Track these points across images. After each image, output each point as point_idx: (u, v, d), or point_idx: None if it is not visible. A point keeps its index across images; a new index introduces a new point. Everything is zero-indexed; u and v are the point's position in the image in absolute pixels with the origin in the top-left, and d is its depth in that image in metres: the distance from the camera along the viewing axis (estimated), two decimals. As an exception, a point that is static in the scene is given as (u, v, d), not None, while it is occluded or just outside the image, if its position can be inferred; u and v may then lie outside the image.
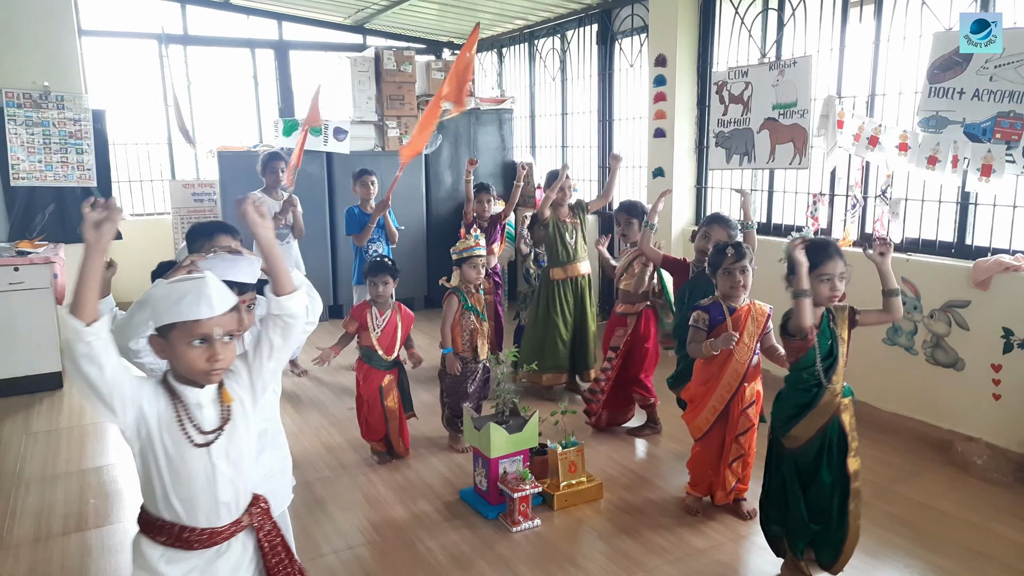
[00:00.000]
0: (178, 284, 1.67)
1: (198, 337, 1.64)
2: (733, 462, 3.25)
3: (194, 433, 1.69)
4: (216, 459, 1.71)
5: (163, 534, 1.70)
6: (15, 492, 3.66)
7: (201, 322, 1.63)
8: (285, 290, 1.78)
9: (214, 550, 1.74)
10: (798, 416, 2.68)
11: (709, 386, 3.21)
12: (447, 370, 3.95)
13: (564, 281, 4.77)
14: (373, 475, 3.79)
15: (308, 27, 7.94)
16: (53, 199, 5.70)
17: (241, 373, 1.81)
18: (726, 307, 3.14)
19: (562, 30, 7.05)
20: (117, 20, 7.18)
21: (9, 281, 4.93)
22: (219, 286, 1.69)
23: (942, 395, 4.07)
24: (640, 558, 3.00)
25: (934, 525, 3.23)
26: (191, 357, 1.65)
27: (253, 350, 1.82)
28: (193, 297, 1.63)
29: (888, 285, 2.67)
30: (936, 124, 3.86)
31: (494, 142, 7.75)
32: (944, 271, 4.01)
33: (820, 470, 2.68)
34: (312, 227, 6.78)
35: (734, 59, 5.35)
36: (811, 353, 2.64)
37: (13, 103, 5.50)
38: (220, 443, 1.72)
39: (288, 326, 1.80)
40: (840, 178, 4.68)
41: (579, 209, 4.83)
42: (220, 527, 1.74)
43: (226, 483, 1.73)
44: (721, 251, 3.14)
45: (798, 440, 2.70)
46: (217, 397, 1.74)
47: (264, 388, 1.84)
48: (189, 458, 1.68)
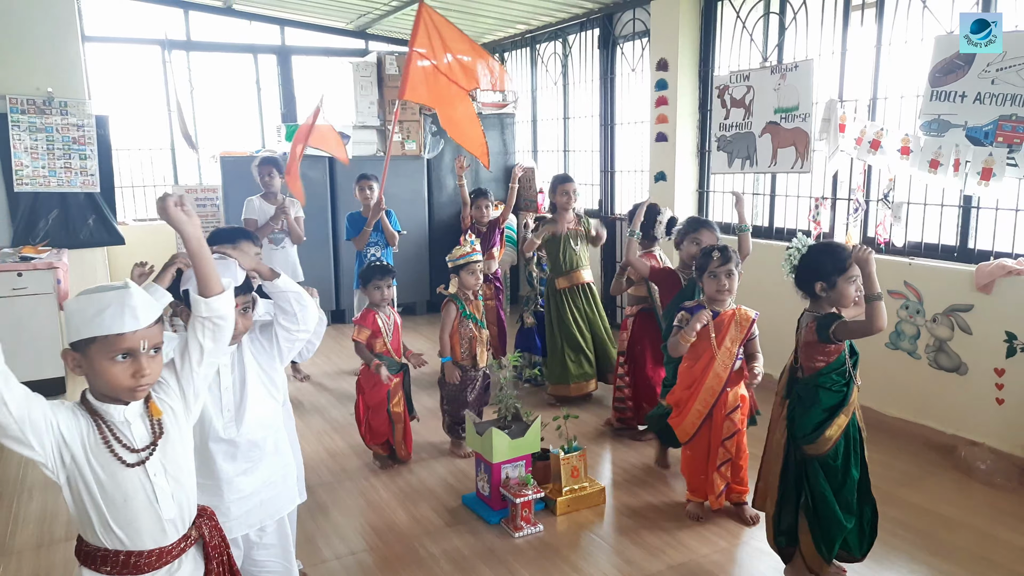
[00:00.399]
0: (98, 295, 1.55)
1: (121, 352, 1.54)
2: (721, 466, 3.25)
3: (124, 453, 1.59)
4: (154, 476, 1.63)
5: (107, 564, 1.62)
6: (18, 498, 3.67)
7: (125, 336, 1.53)
8: (213, 291, 1.69)
9: (165, 570, 1.67)
10: (829, 419, 2.64)
11: (693, 390, 3.22)
12: (446, 379, 3.95)
13: (569, 290, 4.76)
14: (375, 480, 3.79)
15: (310, 32, 7.96)
16: (57, 205, 5.71)
17: (169, 382, 1.71)
18: (710, 311, 3.15)
19: (564, 34, 7.06)
20: (120, 26, 7.21)
21: (12, 286, 4.95)
22: (143, 296, 1.59)
23: (945, 399, 4.05)
24: (643, 563, 3.00)
25: (937, 530, 3.22)
26: (113, 373, 1.55)
27: (181, 356, 1.73)
28: (116, 309, 1.53)
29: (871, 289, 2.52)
30: (938, 128, 3.86)
31: (496, 146, 7.75)
32: (947, 275, 4.01)
33: (850, 468, 2.68)
34: (314, 232, 6.80)
35: (736, 63, 5.35)
36: (843, 354, 2.65)
37: (17, 109, 5.52)
38: (155, 459, 1.63)
39: (218, 327, 1.71)
40: (842, 182, 4.68)
41: (583, 220, 4.81)
42: (169, 545, 1.67)
43: (167, 499, 1.65)
44: (707, 254, 3.16)
45: (827, 443, 2.64)
46: (145, 411, 1.65)
47: (197, 395, 1.75)
48: (123, 480, 1.60)
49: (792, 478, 2.76)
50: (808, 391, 2.68)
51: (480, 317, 4.02)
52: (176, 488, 1.68)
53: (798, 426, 2.70)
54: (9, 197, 5.60)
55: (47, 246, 5.55)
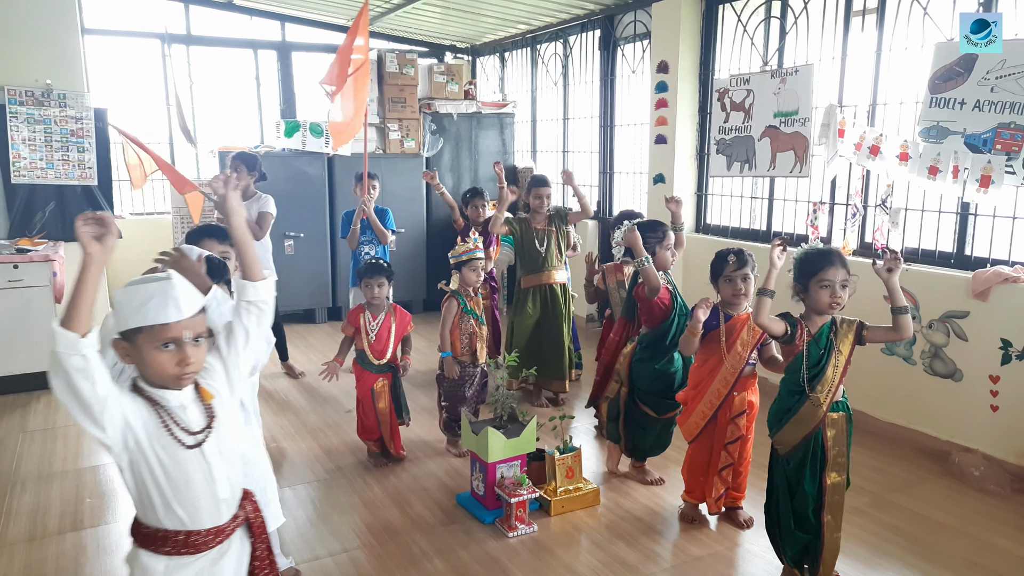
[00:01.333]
0: (143, 286, 1.60)
1: (166, 341, 1.59)
2: (722, 470, 3.24)
3: (183, 436, 1.65)
4: (210, 457, 1.69)
5: (168, 544, 1.67)
6: (11, 490, 3.66)
7: (169, 326, 1.58)
8: (257, 276, 1.76)
9: (217, 549, 1.73)
10: (782, 421, 2.70)
11: (699, 390, 3.22)
12: (446, 374, 3.95)
13: (531, 289, 4.74)
14: (369, 478, 3.78)
15: (311, 28, 7.94)
16: (54, 197, 5.69)
17: (216, 368, 1.77)
18: (723, 314, 3.14)
19: (565, 35, 7.06)
20: (120, 19, 7.18)
21: (8, 279, 4.93)
22: (186, 287, 1.64)
23: (940, 405, 4.07)
24: (636, 564, 3.00)
25: (930, 536, 3.23)
26: (160, 361, 1.60)
27: (227, 340, 1.78)
28: (160, 300, 1.57)
29: (896, 302, 2.57)
30: (937, 134, 3.87)
31: (495, 146, 7.76)
32: (943, 281, 4.02)
33: (802, 481, 2.69)
34: (312, 229, 6.81)
35: (736, 67, 5.36)
36: (798, 359, 2.65)
37: (15, 100, 5.50)
38: (211, 441, 1.69)
39: (262, 312, 1.78)
40: (840, 187, 4.69)
41: (557, 218, 4.76)
42: (223, 524, 1.73)
43: (223, 480, 1.72)
44: (723, 258, 3.12)
45: (783, 446, 2.71)
46: (196, 396, 1.71)
47: (240, 379, 1.81)
48: (184, 461, 1.65)
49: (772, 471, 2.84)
50: (779, 389, 2.79)
51: (481, 313, 4.02)
52: (229, 469, 1.74)
53: (768, 420, 2.79)
54: (6, 189, 5.58)
55: (44, 238, 5.53)
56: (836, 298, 2.60)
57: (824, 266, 2.60)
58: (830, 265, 2.59)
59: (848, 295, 2.65)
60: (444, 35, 8.11)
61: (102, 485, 3.73)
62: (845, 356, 2.65)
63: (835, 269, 2.60)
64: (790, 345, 2.66)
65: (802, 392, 2.64)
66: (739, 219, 5.48)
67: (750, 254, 3.16)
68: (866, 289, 3.08)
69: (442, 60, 8.20)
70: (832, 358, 2.63)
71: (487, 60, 8.41)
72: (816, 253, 2.65)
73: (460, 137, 7.56)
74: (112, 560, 3.04)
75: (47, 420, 4.60)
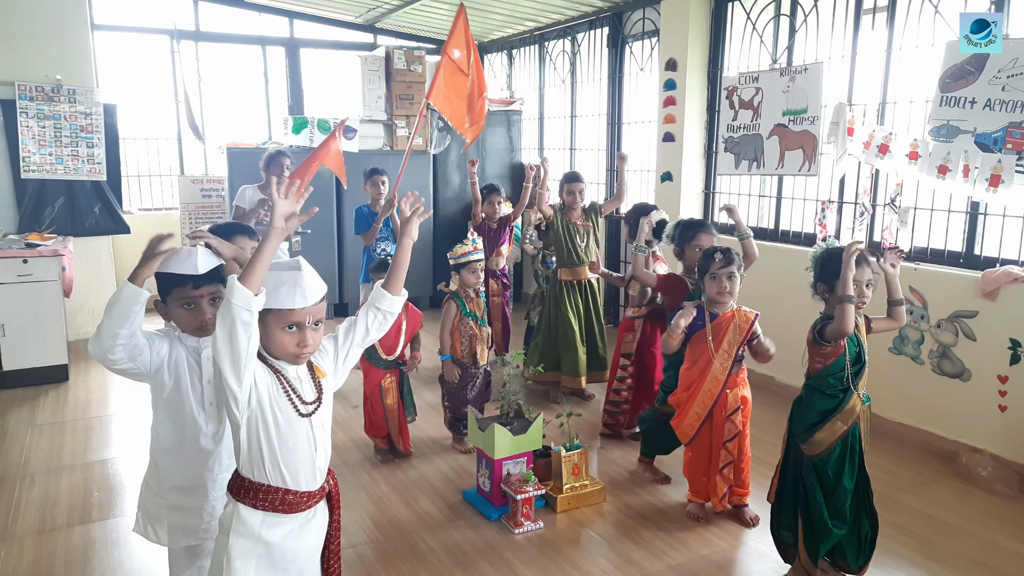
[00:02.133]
0: (276, 272, 1.76)
1: (291, 323, 1.76)
2: (723, 468, 3.24)
3: (300, 404, 1.81)
4: (316, 428, 1.85)
5: (268, 499, 1.81)
6: (20, 484, 3.68)
7: (295, 311, 1.75)
8: (397, 291, 2.02)
9: (305, 514, 1.87)
10: (821, 422, 2.67)
11: (691, 392, 3.22)
12: (446, 378, 3.95)
13: (571, 283, 4.79)
14: (376, 474, 3.79)
15: (320, 25, 7.95)
16: (63, 192, 5.72)
17: (329, 351, 1.96)
18: (708, 312, 3.15)
19: (572, 32, 7.05)
20: (130, 15, 7.20)
21: (18, 273, 4.96)
22: (313, 277, 1.80)
23: (948, 405, 4.05)
24: (642, 562, 3.00)
25: (938, 536, 3.22)
26: (283, 341, 1.77)
27: (346, 333, 1.99)
28: (289, 288, 1.75)
29: (895, 295, 2.78)
30: (947, 133, 3.85)
31: (502, 143, 7.76)
32: (952, 281, 4.00)
33: (842, 477, 2.68)
34: (320, 225, 6.81)
35: (745, 64, 5.34)
36: (841, 359, 2.65)
37: (25, 96, 5.52)
38: (319, 413, 1.86)
39: (385, 320, 2.01)
40: (849, 186, 4.67)
41: (592, 212, 4.83)
42: (315, 490, 1.88)
43: (322, 450, 1.88)
44: (709, 256, 3.15)
45: (820, 446, 2.68)
46: (309, 373, 1.87)
47: (347, 367, 2.00)
48: (296, 426, 1.81)
49: (791, 474, 2.80)
50: (807, 391, 2.75)
51: (481, 315, 4.01)
52: (327, 441, 1.91)
53: (795, 424, 2.77)
54: (16, 184, 5.61)
55: (53, 233, 5.56)
56: (863, 298, 2.65)
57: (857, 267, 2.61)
58: (859, 266, 2.61)
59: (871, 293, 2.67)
60: (452, 32, 8.09)
61: (110, 479, 3.75)
62: (867, 349, 2.72)
63: (862, 270, 2.63)
64: (835, 347, 2.64)
65: (846, 391, 2.66)
66: (747, 218, 5.46)
67: (737, 253, 3.19)
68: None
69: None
70: (865, 351, 2.69)
71: (495, 57, 8.40)
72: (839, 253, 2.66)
73: (467, 134, 7.56)
74: (120, 553, 3.05)
75: (56, 414, 4.62)
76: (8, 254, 4.95)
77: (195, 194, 7.04)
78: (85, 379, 5.31)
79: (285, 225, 1.73)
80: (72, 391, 5.07)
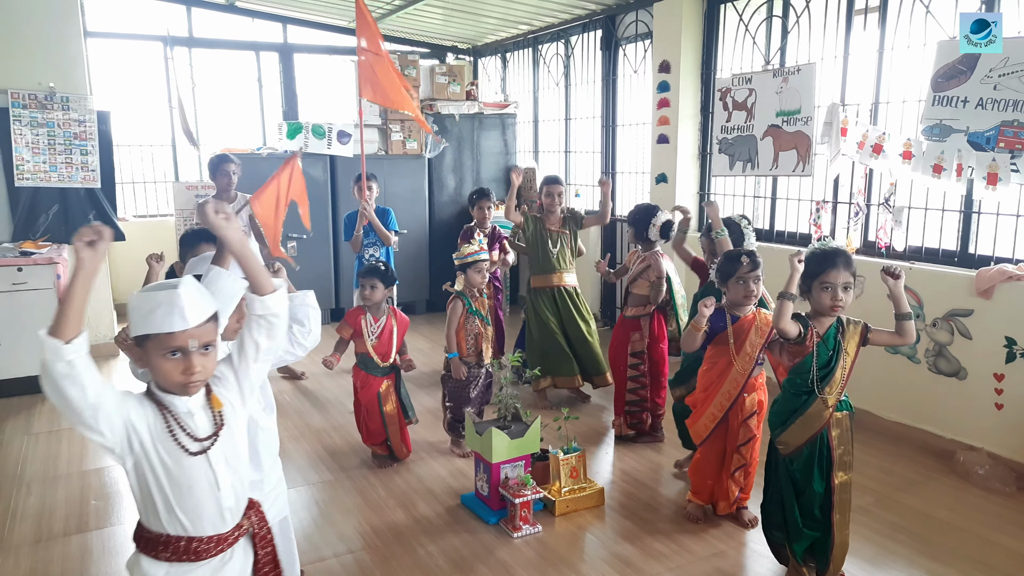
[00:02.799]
0: (151, 293, 1.59)
1: (173, 349, 1.59)
2: (735, 472, 3.23)
3: (188, 442, 1.65)
4: (216, 464, 1.68)
5: (168, 550, 1.67)
6: (16, 493, 3.66)
7: (174, 335, 1.58)
8: (266, 290, 1.72)
9: (219, 558, 1.72)
10: (787, 422, 2.69)
11: (708, 393, 3.20)
12: (452, 375, 3.95)
13: (543, 289, 4.76)
14: (374, 479, 3.79)
15: (313, 30, 7.95)
16: (57, 200, 5.69)
17: (228, 377, 1.77)
18: (729, 315, 3.13)
19: (566, 35, 7.06)
20: (123, 22, 7.20)
21: (12, 281, 4.94)
22: (193, 297, 1.61)
23: (944, 404, 4.06)
24: (641, 564, 3.00)
25: (935, 534, 3.22)
26: (166, 369, 1.60)
27: (238, 352, 1.78)
28: (166, 309, 1.57)
29: (900, 309, 2.65)
30: (940, 132, 3.86)
31: (497, 146, 7.76)
32: (947, 280, 4.01)
33: (811, 479, 2.68)
34: (315, 231, 6.79)
35: (738, 66, 5.36)
36: (807, 360, 2.63)
37: (18, 103, 5.50)
38: (218, 448, 1.68)
39: (272, 325, 1.75)
40: (843, 186, 4.68)
41: (571, 220, 4.79)
42: (226, 532, 1.73)
43: (228, 488, 1.71)
44: (735, 259, 3.08)
45: (787, 446, 2.71)
46: (207, 403, 1.71)
47: (252, 389, 1.81)
48: (188, 467, 1.65)
49: (772, 472, 2.82)
50: (781, 389, 2.77)
51: (486, 314, 4.02)
52: (235, 478, 1.74)
53: (770, 420, 2.78)
54: (10, 192, 5.58)
55: (47, 241, 5.54)
56: (837, 300, 2.59)
57: (826, 268, 2.59)
58: (832, 267, 2.58)
59: (853, 297, 2.64)
60: (446, 36, 8.11)
61: (107, 487, 3.73)
62: (852, 357, 2.67)
63: (837, 271, 2.58)
64: (800, 346, 2.64)
65: (811, 392, 2.63)
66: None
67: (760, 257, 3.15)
68: (873, 290, 3.08)
69: (444, 61, 8.20)
70: (840, 359, 2.63)
71: (489, 61, 8.41)
72: (820, 254, 2.63)
73: (462, 138, 7.57)
74: (118, 562, 3.04)
75: (51, 422, 4.60)
76: (2, 262, 4.93)
77: (190, 200, 7.02)
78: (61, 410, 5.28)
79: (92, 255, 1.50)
80: (68, 399, 5.04)
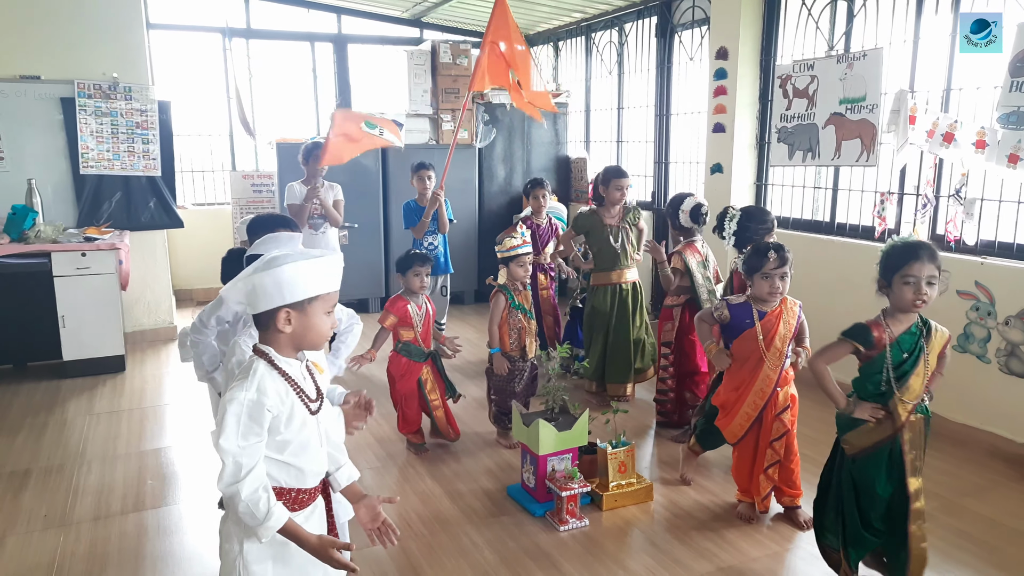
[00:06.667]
0: (319, 260, 1.75)
1: (332, 305, 1.80)
2: (768, 468, 3.15)
3: (309, 403, 1.80)
4: (321, 424, 1.86)
5: (280, 501, 1.77)
6: (78, 470, 3.79)
7: (334, 293, 1.80)
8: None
9: (310, 508, 1.87)
10: (857, 423, 2.55)
11: (740, 392, 3.12)
12: (495, 370, 3.92)
13: (603, 288, 4.53)
14: (421, 467, 3.79)
15: (366, 20, 8.01)
16: (120, 187, 5.86)
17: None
18: (756, 311, 3.03)
19: (620, 23, 6.94)
20: (183, 14, 7.37)
21: (77, 266, 5.11)
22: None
23: (1016, 406, 3.86)
24: (689, 562, 2.93)
25: (1004, 543, 3.06)
26: (325, 324, 1.78)
27: None
28: (335, 272, 1.78)
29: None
30: (1017, 120, 3.65)
31: (548, 136, 7.70)
32: (1021, 275, 3.80)
33: (876, 482, 2.55)
34: (366, 220, 6.87)
35: (799, 52, 5.17)
36: (879, 361, 2.47)
37: (84, 93, 5.68)
38: (323, 410, 1.86)
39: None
40: (910, 176, 4.48)
41: (632, 216, 4.56)
42: (320, 485, 1.89)
43: (326, 445, 1.89)
44: (763, 254, 3.00)
45: (852, 448, 2.57)
46: (308, 371, 1.85)
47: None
48: (307, 423, 1.80)
49: (835, 474, 2.68)
50: (853, 388, 2.62)
51: (529, 307, 3.98)
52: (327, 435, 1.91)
53: (838, 419, 2.64)
54: (75, 179, 5.77)
55: (110, 227, 5.71)
56: (920, 295, 2.38)
57: (909, 260, 2.39)
58: (915, 260, 2.38)
59: (938, 293, 2.44)
60: (498, 25, 8.05)
61: (163, 467, 3.83)
62: (932, 364, 2.50)
63: (921, 264, 2.38)
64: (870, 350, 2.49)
65: (884, 394, 2.49)
66: (801, 210, 5.30)
67: (789, 251, 3.04)
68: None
69: (496, 50, 8.15)
70: (921, 362, 2.46)
71: (541, 49, 8.33)
72: (902, 246, 2.45)
73: (512, 128, 7.52)
74: (172, 541, 3.11)
75: (112, 403, 4.75)
76: (68, 247, 5.10)
77: (246, 189, 7.17)
78: (141, 370, 5.46)
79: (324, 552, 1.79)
80: (128, 381, 5.21)
